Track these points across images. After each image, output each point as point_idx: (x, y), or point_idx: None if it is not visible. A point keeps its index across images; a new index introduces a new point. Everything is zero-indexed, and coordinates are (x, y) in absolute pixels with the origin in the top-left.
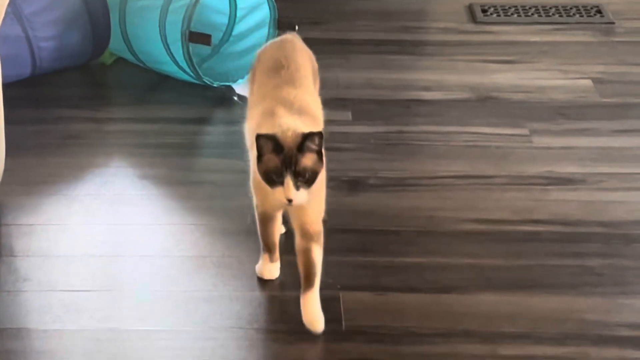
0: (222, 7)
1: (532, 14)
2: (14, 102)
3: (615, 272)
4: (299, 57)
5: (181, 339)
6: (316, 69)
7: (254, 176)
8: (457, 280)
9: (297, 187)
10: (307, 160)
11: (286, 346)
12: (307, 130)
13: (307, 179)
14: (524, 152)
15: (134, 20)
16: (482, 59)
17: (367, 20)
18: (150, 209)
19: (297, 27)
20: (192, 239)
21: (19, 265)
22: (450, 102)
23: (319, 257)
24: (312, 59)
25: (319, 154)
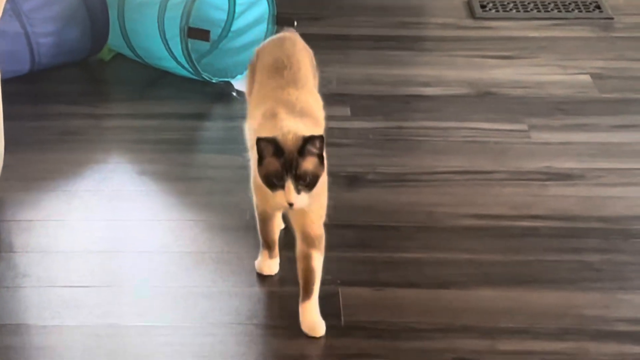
0: (221, 3)
1: (531, 10)
2: (13, 98)
3: (614, 267)
4: (300, 56)
5: (180, 334)
6: (315, 67)
7: (254, 176)
8: (456, 275)
9: (298, 191)
10: (308, 163)
11: (285, 342)
12: (308, 132)
13: (308, 183)
14: (523, 147)
15: (132, 16)
16: (480, 55)
17: (366, 16)
18: (149, 205)
19: (295, 23)
20: (191, 235)
21: (18, 261)
22: (449, 98)
23: (319, 265)
24: (312, 57)
25: (320, 158)
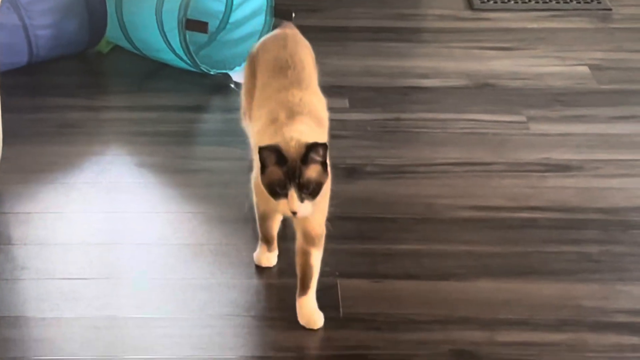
0: None
1: (529, 1)
2: (11, 90)
3: (612, 258)
4: (303, 55)
5: (179, 326)
6: (315, 61)
7: (255, 177)
8: (455, 267)
9: (302, 200)
10: (312, 171)
11: (283, 333)
12: (312, 137)
13: (312, 191)
14: (521, 139)
15: (130, 8)
16: (479, 46)
17: (364, 7)
18: (147, 197)
19: (294, 15)
20: (190, 227)
21: (17, 253)
22: (447, 89)
23: (317, 262)
24: (312, 52)
25: (324, 165)
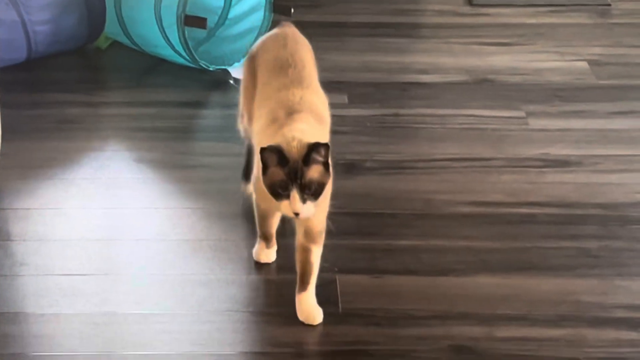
0: None
1: None
2: (10, 86)
3: (611, 254)
4: (304, 53)
5: (178, 322)
6: (314, 60)
7: (257, 177)
8: (454, 262)
9: (304, 200)
10: (313, 172)
11: (282, 329)
12: (313, 135)
13: (314, 192)
14: (520, 134)
15: (129, 3)
16: (478, 42)
17: (362, 3)
18: (146, 193)
19: (292, 10)
20: (189, 223)
21: (16, 249)
22: (446, 85)
23: (317, 259)
24: (312, 51)
25: (326, 165)
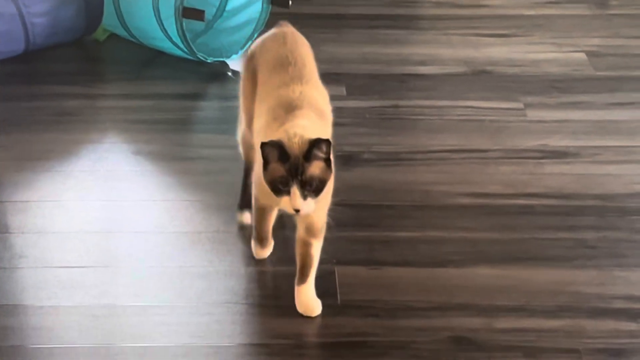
0: None
1: None
2: (8, 78)
3: (609, 244)
4: (303, 51)
5: (176, 314)
6: (314, 59)
7: (258, 173)
8: (452, 254)
9: (304, 197)
10: (315, 168)
11: (281, 321)
12: (315, 131)
13: (315, 188)
14: (519, 125)
15: None
16: (476, 33)
17: None
18: (144, 185)
19: (290, 2)
20: (187, 215)
21: (14, 242)
22: (444, 76)
23: (317, 252)
24: (311, 50)
25: (327, 161)
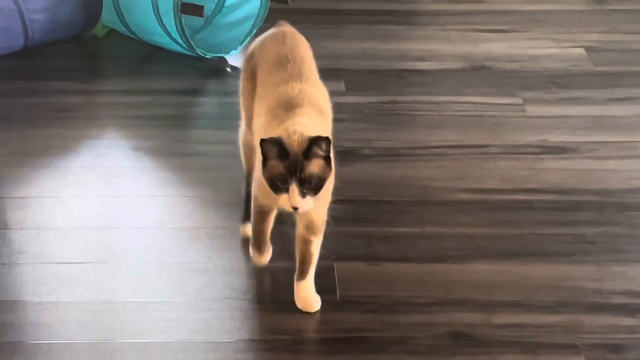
0: None
1: None
2: (7, 74)
3: (608, 240)
4: (303, 49)
5: (175, 310)
6: (313, 58)
7: (258, 170)
8: (451, 249)
9: (303, 195)
10: (314, 166)
11: (281, 316)
12: (315, 129)
13: (314, 187)
14: (517, 121)
15: None
16: (475, 29)
17: None
18: (143, 181)
19: None
20: (186, 211)
21: (13, 237)
22: (443, 72)
23: (317, 249)
24: (310, 49)
25: (327, 159)
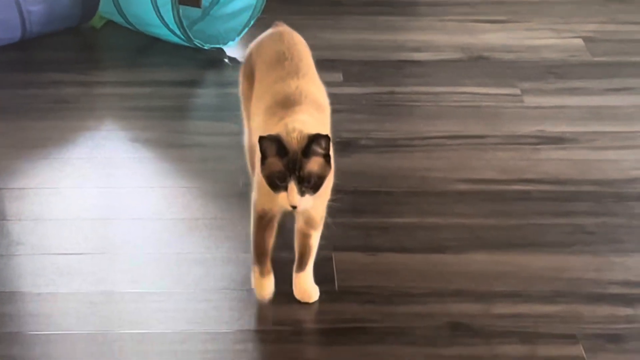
0: None
1: None
2: (4, 66)
3: (606, 230)
4: (301, 47)
5: (174, 300)
6: (311, 57)
7: (258, 171)
8: (450, 240)
9: (302, 193)
10: (313, 164)
11: (279, 307)
12: (314, 125)
13: (313, 185)
14: (516, 111)
15: None
16: (473, 19)
17: None
18: (142, 172)
19: None
20: (184, 202)
21: (12, 229)
22: (441, 63)
23: (316, 242)
24: (308, 48)
25: (327, 157)
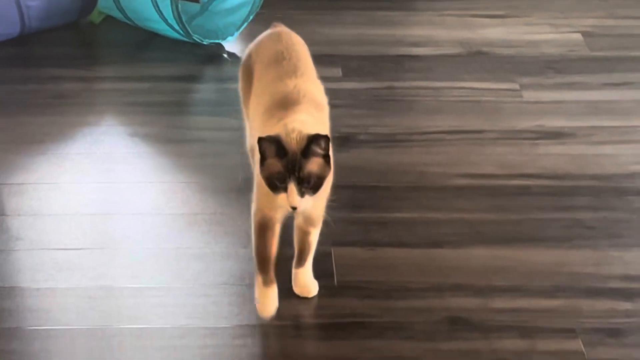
0: None
1: None
2: (3, 61)
3: (605, 224)
4: (299, 47)
5: (173, 295)
6: (310, 57)
7: (258, 173)
8: (449, 234)
9: (302, 194)
10: (313, 165)
11: (279, 302)
12: (314, 125)
13: (313, 186)
14: (514, 106)
15: None
16: (472, 14)
17: None
18: (141, 167)
19: None
20: (184, 197)
21: (11, 224)
22: (440, 58)
23: (315, 239)
24: (307, 49)
25: (326, 158)
